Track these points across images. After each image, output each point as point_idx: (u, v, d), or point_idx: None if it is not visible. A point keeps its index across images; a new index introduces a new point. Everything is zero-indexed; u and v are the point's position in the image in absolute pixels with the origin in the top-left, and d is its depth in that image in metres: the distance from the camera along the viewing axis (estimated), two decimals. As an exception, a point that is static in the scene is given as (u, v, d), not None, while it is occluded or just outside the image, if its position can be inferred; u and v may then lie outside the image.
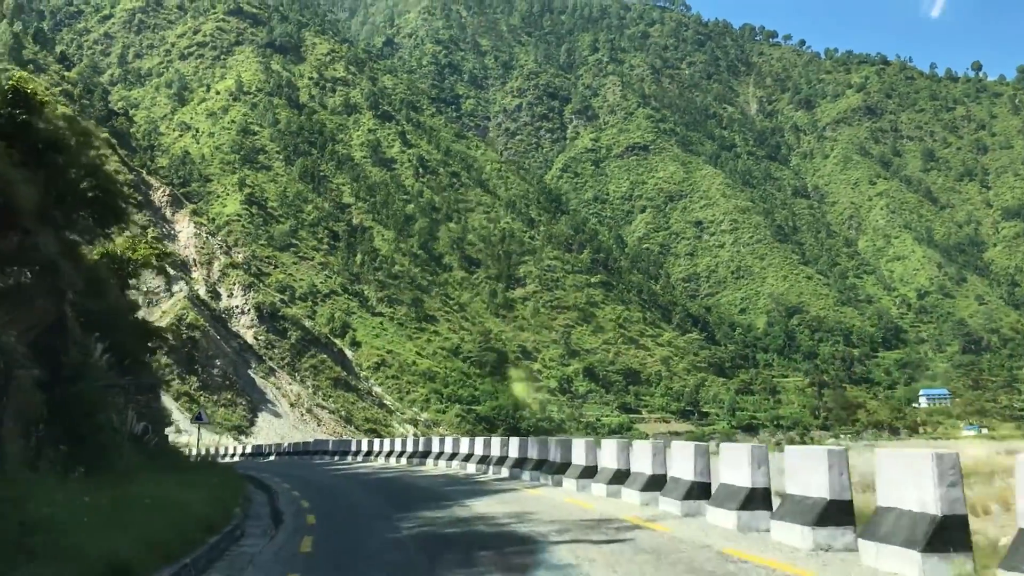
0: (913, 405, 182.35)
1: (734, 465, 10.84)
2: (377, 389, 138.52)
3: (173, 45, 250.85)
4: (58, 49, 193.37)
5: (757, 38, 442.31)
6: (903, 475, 7.80)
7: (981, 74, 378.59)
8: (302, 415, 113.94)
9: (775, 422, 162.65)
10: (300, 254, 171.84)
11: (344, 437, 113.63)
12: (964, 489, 7.64)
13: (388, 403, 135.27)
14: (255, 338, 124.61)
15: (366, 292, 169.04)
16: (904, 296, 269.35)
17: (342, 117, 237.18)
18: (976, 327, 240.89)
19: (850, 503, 8.97)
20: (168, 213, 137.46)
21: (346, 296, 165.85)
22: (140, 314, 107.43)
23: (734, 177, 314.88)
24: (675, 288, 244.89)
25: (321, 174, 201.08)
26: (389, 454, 32.72)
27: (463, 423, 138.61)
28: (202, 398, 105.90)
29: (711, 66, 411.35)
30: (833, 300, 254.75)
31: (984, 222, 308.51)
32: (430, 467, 26.56)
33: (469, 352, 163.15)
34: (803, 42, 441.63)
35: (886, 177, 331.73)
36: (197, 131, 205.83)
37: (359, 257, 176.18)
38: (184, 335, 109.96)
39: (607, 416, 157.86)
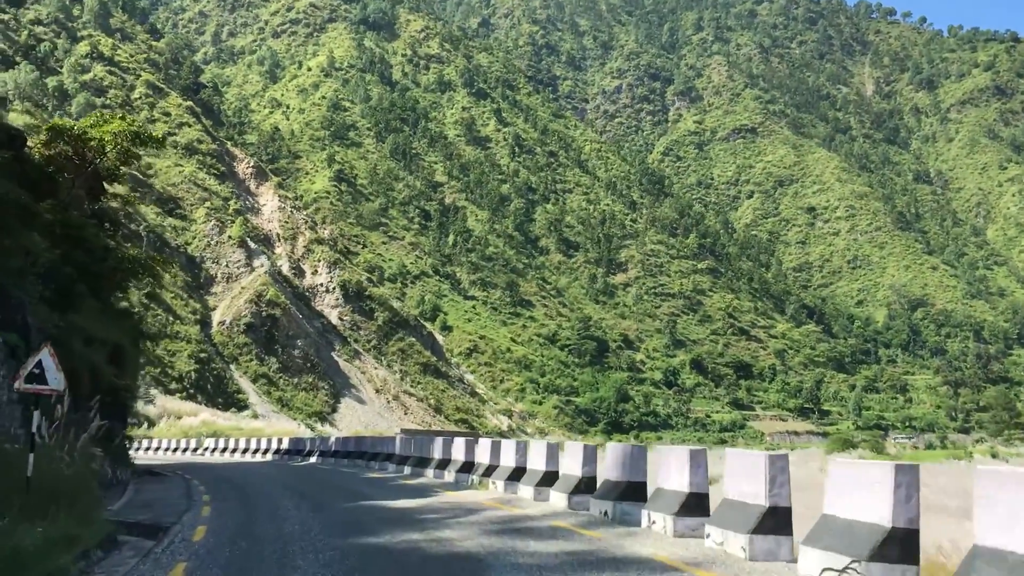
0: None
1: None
2: (469, 376, 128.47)
3: (266, 23, 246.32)
4: (151, 24, 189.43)
5: (874, 15, 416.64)
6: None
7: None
8: (388, 402, 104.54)
9: (906, 423, 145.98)
10: (390, 233, 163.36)
11: (434, 428, 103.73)
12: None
13: (480, 392, 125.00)
14: (340, 318, 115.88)
15: (458, 274, 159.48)
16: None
17: (435, 95, 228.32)
18: None
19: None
20: (252, 186, 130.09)
21: (437, 278, 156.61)
22: (219, 287, 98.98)
23: (850, 161, 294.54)
24: (787, 277, 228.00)
25: (413, 152, 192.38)
26: (515, 476, 16.22)
27: (561, 415, 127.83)
28: (282, 381, 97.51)
29: (823, 45, 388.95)
30: (961, 293, 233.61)
31: None
32: (643, 537, 10.07)
33: (567, 340, 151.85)
34: (924, 19, 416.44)
35: (1018, 162, 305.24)
36: (287, 107, 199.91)
37: (452, 238, 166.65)
38: (264, 313, 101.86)
39: (717, 412, 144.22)
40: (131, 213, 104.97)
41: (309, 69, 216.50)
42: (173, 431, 55.49)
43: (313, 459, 33.81)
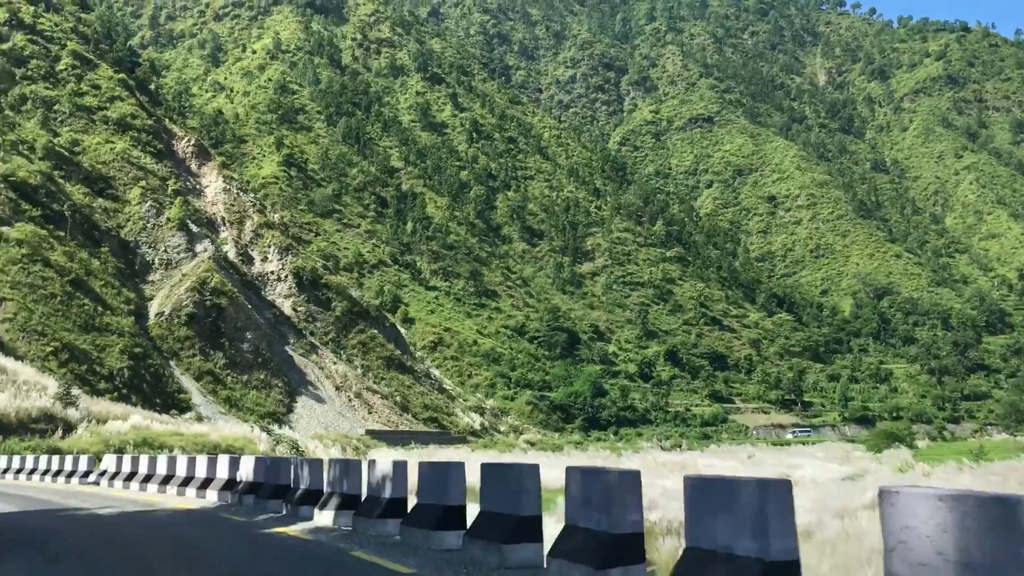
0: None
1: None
2: (435, 371, 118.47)
3: (207, 6, 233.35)
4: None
5: (824, 7, 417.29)
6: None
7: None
8: (350, 400, 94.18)
9: (894, 413, 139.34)
10: (344, 221, 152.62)
11: (402, 429, 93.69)
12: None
13: (448, 388, 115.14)
14: (293, 309, 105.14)
15: (419, 263, 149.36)
16: (1003, 276, 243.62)
17: (388, 80, 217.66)
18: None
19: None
20: (193, 166, 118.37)
21: (396, 267, 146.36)
22: (157, 275, 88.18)
23: (808, 150, 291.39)
24: (753, 265, 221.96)
25: (367, 137, 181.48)
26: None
27: (535, 412, 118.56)
28: (229, 378, 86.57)
29: (775, 36, 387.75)
30: (926, 280, 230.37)
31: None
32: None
33: (536, 332, 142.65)
34: (873, 10, 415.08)
35: (973, 150, 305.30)
36: (231, 91, 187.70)
37: (410, 225, 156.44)
38: (208, 303, 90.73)
39: (697, 406, 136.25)
40: (54, 191, 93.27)
41: (254, 52, 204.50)
42: (93, 439, 44.63)
43: (325, 516, 12.47)
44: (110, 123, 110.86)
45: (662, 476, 27.92)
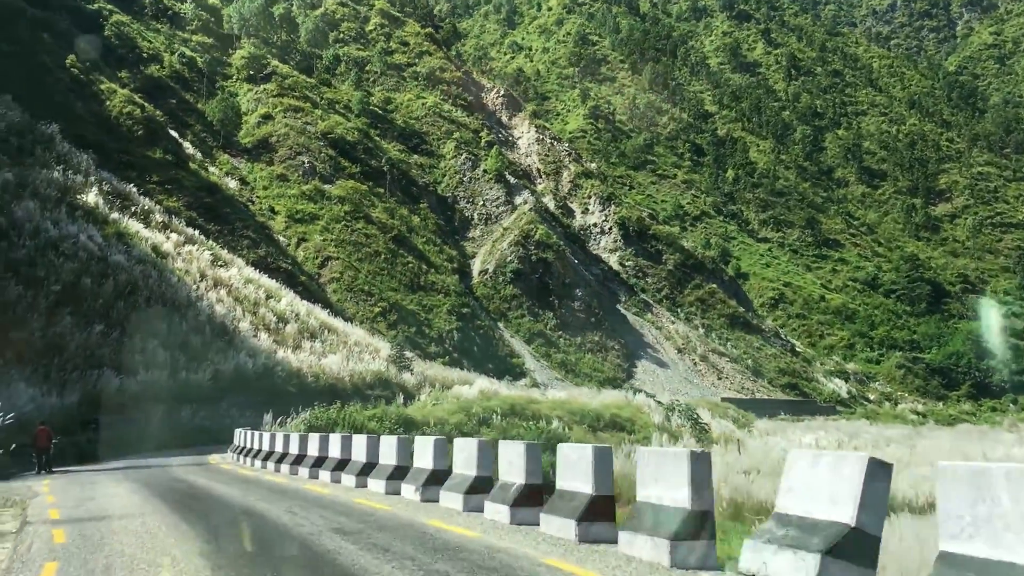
0: None
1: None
2: (780, 331, 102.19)
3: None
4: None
5: None
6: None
7: None
8: (695, 364, 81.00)
9: None
10: (659, 172, 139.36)
11: (758, 397, 79.07)
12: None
13: (800, 350, 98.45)
14: (621, 263, 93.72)
15: (745, 213, 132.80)
16: None
17: (690, 23, 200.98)
18: None
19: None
20: (504, 117, 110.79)
21: (721, 219, 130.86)
22: (477, 231, 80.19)
23: None
24: None
25: (674, 82, 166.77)
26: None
27: (908, 376, 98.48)
28: (562, 340, 76.60)
29: None
30: None
31: None
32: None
33: (892, 284, 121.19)
34: None
35: None
36: (530, 49, 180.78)
37: (731, 173, 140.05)
38: (533, 257, 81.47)
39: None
40: (371, 148, 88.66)
41: (550, 9, 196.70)
42: (449, 407, 34.64)
43: None
44: (419, 78, 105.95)
45: None
